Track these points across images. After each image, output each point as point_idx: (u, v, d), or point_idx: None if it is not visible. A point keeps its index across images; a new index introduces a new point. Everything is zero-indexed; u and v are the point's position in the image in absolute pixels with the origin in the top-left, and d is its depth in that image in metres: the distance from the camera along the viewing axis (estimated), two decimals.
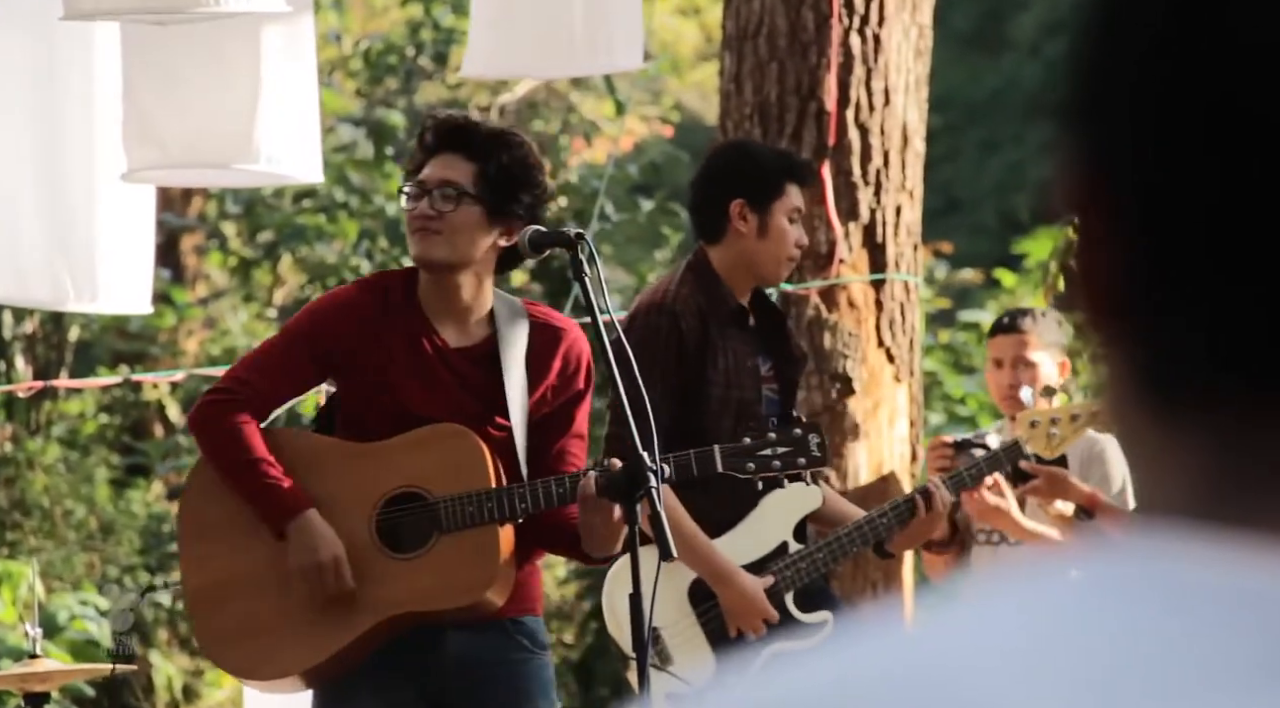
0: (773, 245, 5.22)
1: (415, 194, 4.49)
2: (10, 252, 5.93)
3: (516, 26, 5.80)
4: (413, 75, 14.26)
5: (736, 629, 5.14)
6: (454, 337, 4.47)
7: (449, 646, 4.40)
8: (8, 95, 5.88)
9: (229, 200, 13.93)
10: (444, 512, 4.37)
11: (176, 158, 5.58)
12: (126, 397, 13.92)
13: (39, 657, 5.32)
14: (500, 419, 4.43)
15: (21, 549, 12.60)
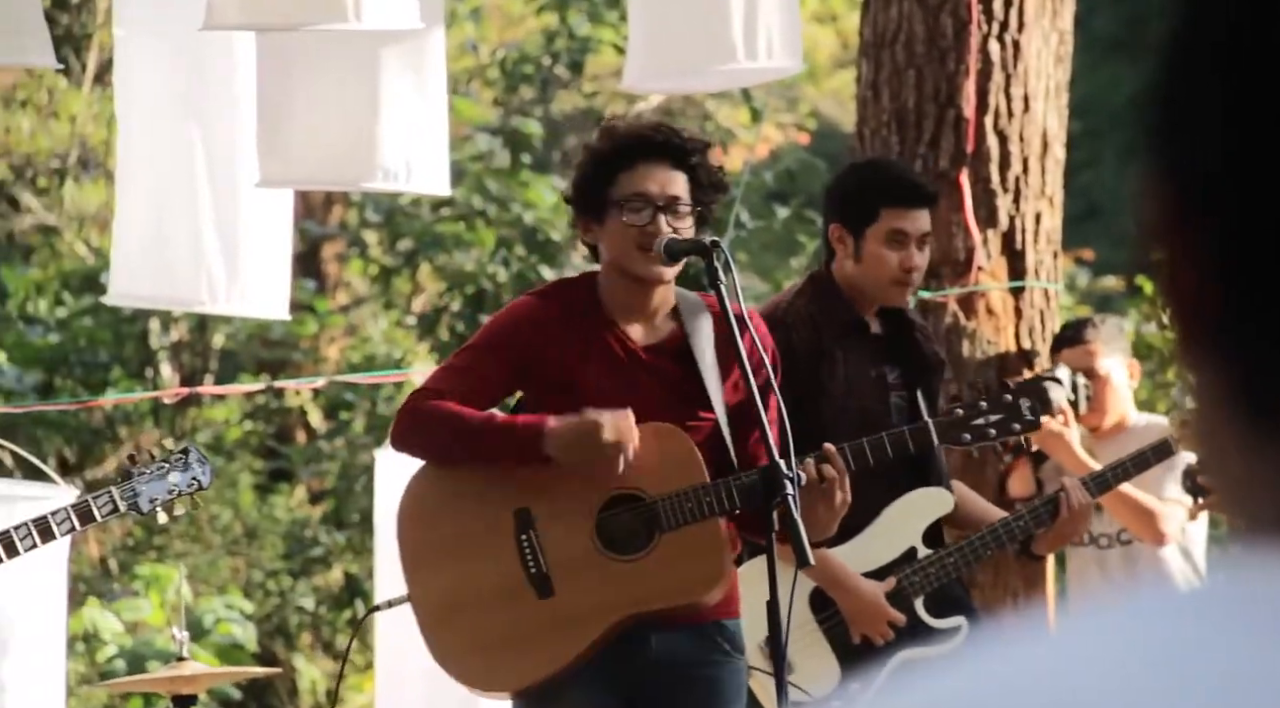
0: (869, 270, 5.21)
1: (640, 207, 4.43)
2: (159, 253, 6.04)
3: (676, 36, 5.82)
4: (548, 84, 14.34)
5: (861, 635, 5.14)
6: (642, 335, 4.47)
7: (652, 648, 4.41)
8: (158, 101, 5.99)
9: (369, 209, 14.07)
10: (663, 510, 4.38)
11: (301, 175, 5.66)
12: (270, 403, 14.09)
13: (186, 659, 5.39)
14: (701, 412, 4.43)
15: (169, 554, 12.78)
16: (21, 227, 15.87)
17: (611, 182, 4.42)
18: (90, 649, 11.32)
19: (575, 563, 4.40)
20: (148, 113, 6.03)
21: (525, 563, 4.44)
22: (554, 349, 4.43)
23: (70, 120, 15.26)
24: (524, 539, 4.44)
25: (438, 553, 4.46)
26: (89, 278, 14.90)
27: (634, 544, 4.42)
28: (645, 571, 4.39)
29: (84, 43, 15.28)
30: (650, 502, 4.41)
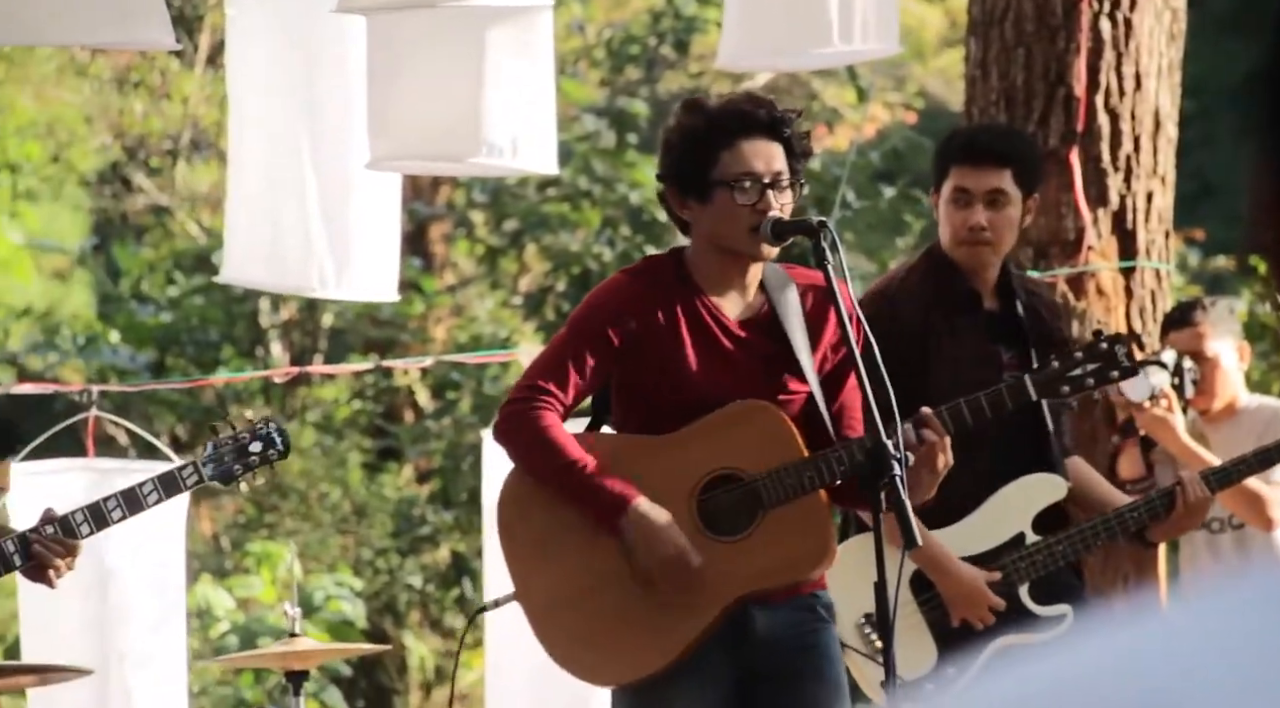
0: (941, 231, 5.21)
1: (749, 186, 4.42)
2: (270, 238, 6.08)
3: (771, 16, 5.81)
4: (654, 64, 14.35)
5: (960, 619, 5.13)
6: (733, 309, 4.46)
7: (756, 623, 4.41)
8: (269, 82, 6.03)
9: (476, 189, 14.13)
10: (764, 488, 4.37)
11: (411, 150, 5.67)
12: (378, 382, 14.19)
13: (298, 636, 5.44)
14: (792, 384, 4.44)
15: (280, 531, 12.90)
16: (134, 207, 16.04)
17: (714, 160, 4.40)
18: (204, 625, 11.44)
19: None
20: (259, 94, 6.07)
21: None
22: (645, 328, 4.43)
23: (183, 101, 15.40)
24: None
25: (540, 548, 4.46)
26: (200, 258, 15.05)
27: (737, 525, 4.41)
28: (751, 550, 4.39)
29: (196, 24, 15.41)
30: (750, 480, 4.41)
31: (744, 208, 4.39)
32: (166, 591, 6.55)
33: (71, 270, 15.79)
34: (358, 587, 12.18)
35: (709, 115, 4.45)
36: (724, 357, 4.43)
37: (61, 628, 6.41)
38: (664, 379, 4.41)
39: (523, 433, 4.41)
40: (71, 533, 4.33)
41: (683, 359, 4.42)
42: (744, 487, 4.41)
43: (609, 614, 4.40)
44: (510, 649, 6.73)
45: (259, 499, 13.35)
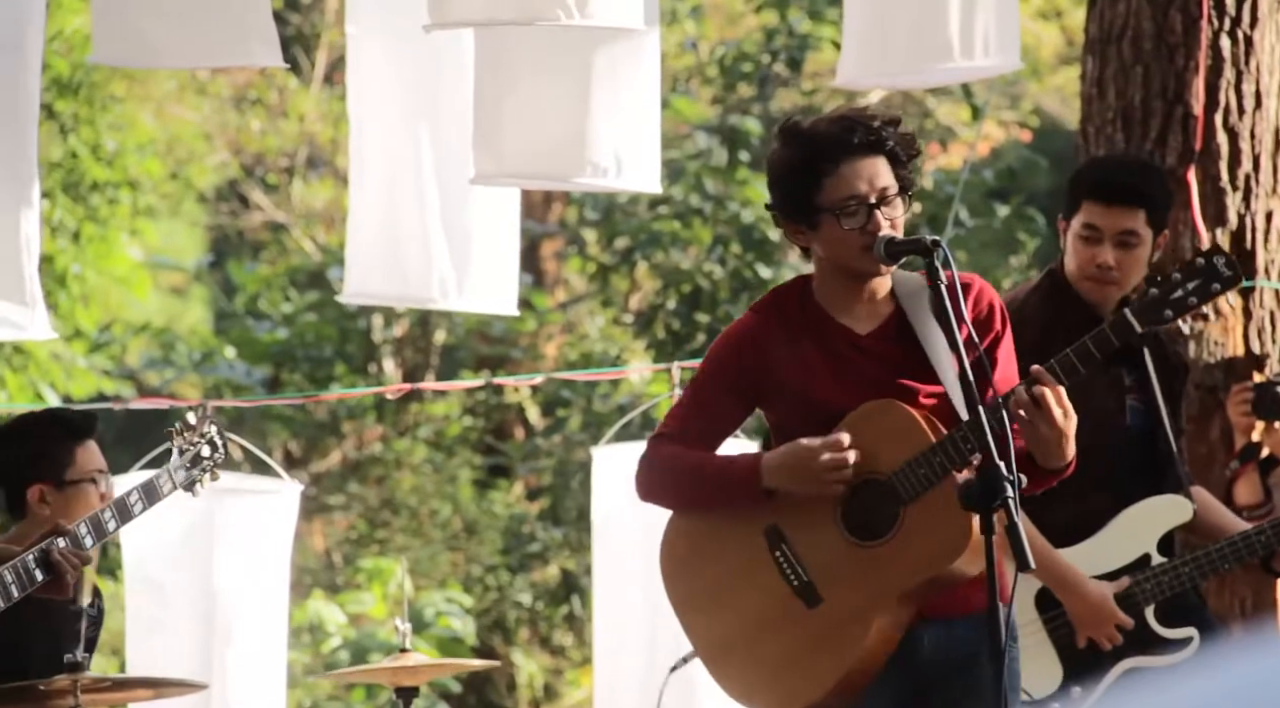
0: (1068, 264, 5.17)
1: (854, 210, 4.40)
2: (391, 252, 6.12)
3: (890, 33, 5.79)
4: (767, 82, 14.33)
5: (1086, 639, 5.08)
6: (861, 323, 4.44)
7: (925, 645, 4.37)
8: (388, 100, 6.07)
9: (588, 206, 14.16)
10: (899, 484, 4.33)
11: (513, 169, 5.69)
12: (489, 399, 14.24)
13: (409, 651, 5.45)
14: (929, 388, 4.41)
15: (391, 547, 12.97)
16: (251, 224, 16.18)
17: (817, 187, 4.37)
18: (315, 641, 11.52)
19: (833, 562, 4.36)
20: (378, 111, 6.11)
21: (786, 578, 4.41)
22: (773, 361, 4.42)
23: (299, 119, 15.53)
24: (778, 555, 4.42)
25: (703, 597, 4.47)
26: (315, 274, 15.16)
27: (884, 526, 4.38)
28: (901, 548, 4.33)
29: (314, 42, 15.54)
30: (885, 479, 4.39)
31: (853, 232, 4.37)
32: (270, 607, 6.59)
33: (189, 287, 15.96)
34: (467, 603, 12.23)
35: (806, 142, 4.43)
36: (857, 372, 4.41)
37: (168, 643, 6.46)
38: (805, 408, 4.40)
39: (654, 472, 4.43)
40: (79, 545, 4.41)
41: (819, 385, 4.40)
42: (881, 487, 4.38)
43: (780, 643, 4.39)
44: (618, 667, 6.73)
45: (371, 515, 13.43)
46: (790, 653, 4.39)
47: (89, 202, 12.62)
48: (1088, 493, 4.66)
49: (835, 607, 4.37)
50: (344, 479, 13.96)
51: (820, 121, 4.49)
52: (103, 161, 12.78)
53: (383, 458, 13.83)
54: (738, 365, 4.43)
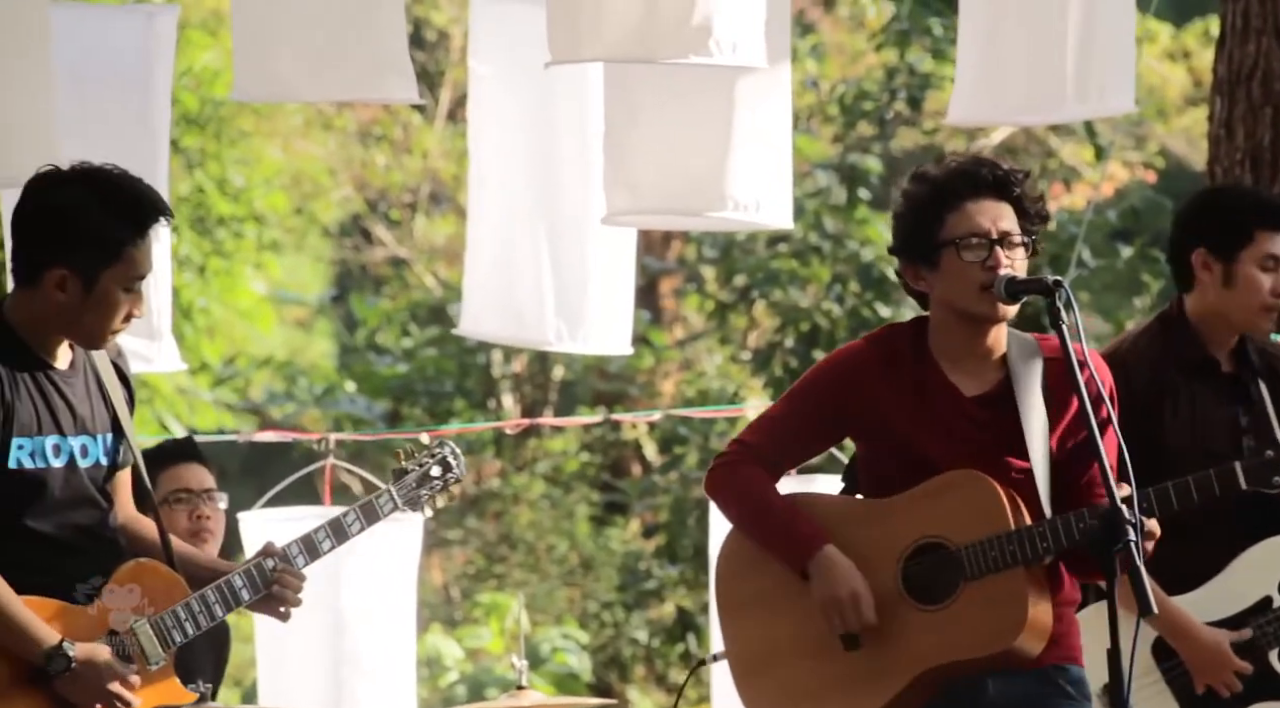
0: (1241, 295, 5.07)
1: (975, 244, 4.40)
2: (507, 292, 6.15)
3: (1005, 72, 5.77)
4: (888, 121, 14.32)
5: (1205, 686, 5.02)
6: (968, 384, 4.42)
7: (989, 692, 4.37)
8: (509, 137, 6.11)
9: (707, 244, 14.18)
10: (967, 559, 4.33)
11: (649, 204, 5.70)
12: (606, 436, 14.28)
13: (525, 688, 5.47)
14: (1021, 463, 4.39)
15: (508, 582, 13.01)
16: (374, 259, 16.32)
17: (939, 224, 4.36)
18: (433, 675, 11.58)
19: (881, 613, 4.36)
20: (498, 148, 6.15)
21: None
22: (874, 398, 4.40)
23: (423, 155, 15.66)
24: None
25: (749, 606, 4.47)
26: (435, 309, 15.28)
27: (939, 593, 4.37)
28: (950, 620, 4.33)
29: (438, 79, 15.67)
30: (954, 550, 4.37)
31: (973, 265, 4.34)
32: (398, 639, 6.63)
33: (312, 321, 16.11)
34: (584, 640, 12.26)
35: (933, 181, 4.43)
36: (953, 432, 4.39)
37: (296, 674, 6.51)
38: (894, 452, 4.39)
39: (726, 485, 4.44)
40: (290, 564, 4.42)
41: (911, 431, 4.38)
42: (947, 556, 4.37)
43: (807, 678, 4.38)
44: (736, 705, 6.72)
45: (488, 550, 13.48)
46: (818, 689, 4.38)
47: (215, 236, 12.77)
48: (1203, 536, 4.61)
49: (872, 656, 4.36)
50: (462, 514, 14.03)
51: (950, 163, 4.49)
52: (229, 196, 12.93)
53: (501, 493, 13.89)
54: (838, 392, 4.41)
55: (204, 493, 5.38)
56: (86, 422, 4.27)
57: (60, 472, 4.23)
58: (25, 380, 4.21)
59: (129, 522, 4.39)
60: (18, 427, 4.17)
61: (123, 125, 5.67)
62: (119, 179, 4.26)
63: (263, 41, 5.43)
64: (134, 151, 5.49)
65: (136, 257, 4.20)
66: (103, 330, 4.24)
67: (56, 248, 4.22)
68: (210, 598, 4.31)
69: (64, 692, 4.14)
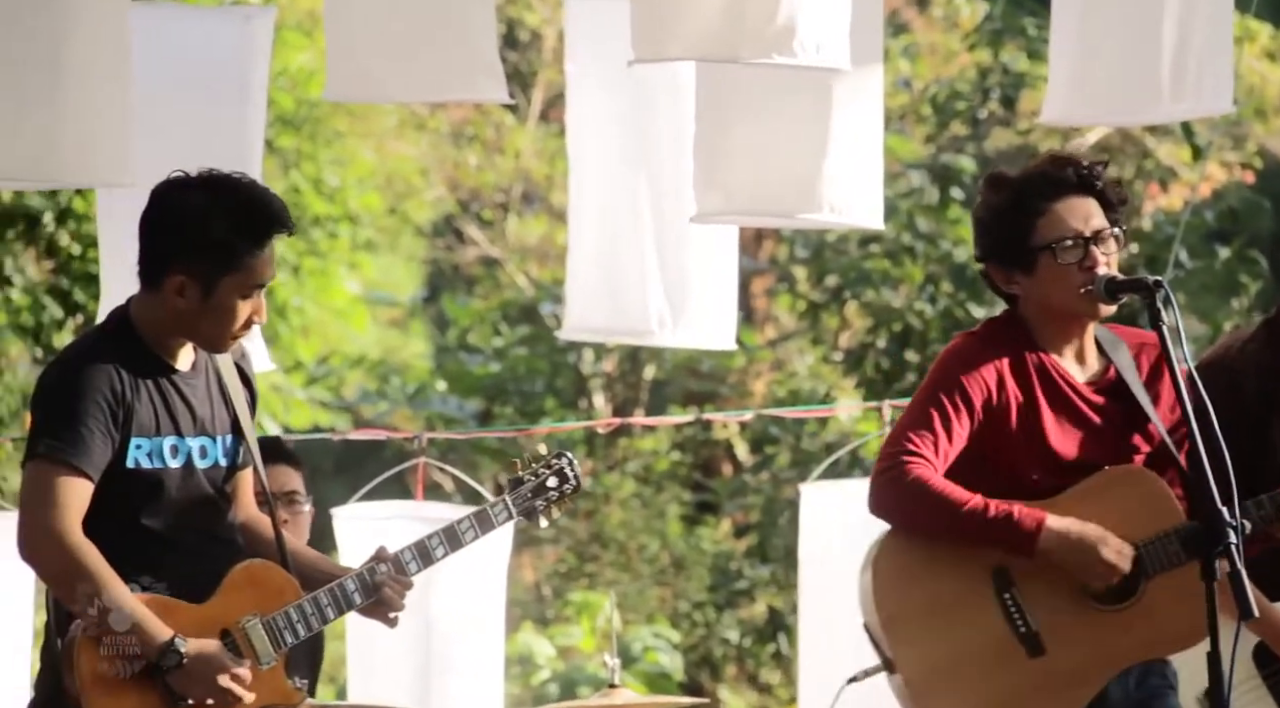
0: None
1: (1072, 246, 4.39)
2: (609, 287, 6.17)
3: (1100, 71, 5.73)
4: (981, 120, 14.26)
5: None
6: (1077, 371, 4.40)
7: (1110, 689, 4.34)
8: (607, 136, 6.13)
9: (799, 244, 14.17)
10: (1147, 556, 4.30)
11: (741, 205, 5.71)
12: (697, 435, 14.28)
13: (618, 687, 5.47)
14: (1145, 445, 4.37)
15: (600, 581, 13.04)
16: (465, 259, 16.39)
17: (1030, 229, 4.35)
18: (525, 673, 11.61)
19: (1063, 617, 4.30)
20: (596, 148, 6.17)
21: (1012, 622, 4.34)
22: (1001, 392, 4.35)
23: (515, 155, 15.70)
24: (1007, 598, 4.36)
25: (918, 619, 4.39)
26: (527, 309, 15.32)
27: (1121, 593, 4.32)
28: (1136, 619, 4.29)
29: (531, 79, 15.71)
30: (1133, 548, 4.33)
31: (1071, 267, 4.33)
32: (487, 638, 6.65)
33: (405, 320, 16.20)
34: (675, 639, 12.27)
35: (1015, 187, 4.40)
36: (1081, 421, 4.35)
37: (387, 672, 6.54)
38: (1021, 444, 4.35)
39: (902, 494, 4.34)
40: (402, 571, 4.43)
41: (1041, 424, 4.35)
42: None
43: (995, 687, 4.32)
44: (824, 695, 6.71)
45: (580, 549, 13.52)
46: (1004, 699, 4.33)
47: (310, 235, 12.86)
48: None
49: (1058, 662, 4.31)
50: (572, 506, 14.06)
51: (1028, 166, 4.47)
52: (324, 196, 13.02)
53: (592, 492, 13.92)
54: (973, 389, 4.36)
55: (284, 496, 5.39)
56: (206, 423, 4.31)
57: (177, 472, 4.27)
58: (146, 382, 4.25)
59: (248, 522, 4.43)
60: (136, 427, 4.21)
61: (219, 125, 5.71)
62: (244, 188, 4.28)
63: (355, 42, 5.48)
64: (230, 152, 5.53)
65: (255, 266, 4.23)
66: (221, 336, 4.27)
67: (177, 253, 4.25)
68: (323, 600, 4.34)
69: (176, 686, 4.18)
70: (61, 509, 4.13)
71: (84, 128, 5.24)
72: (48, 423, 4.17)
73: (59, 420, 4.16)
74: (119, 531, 4.20)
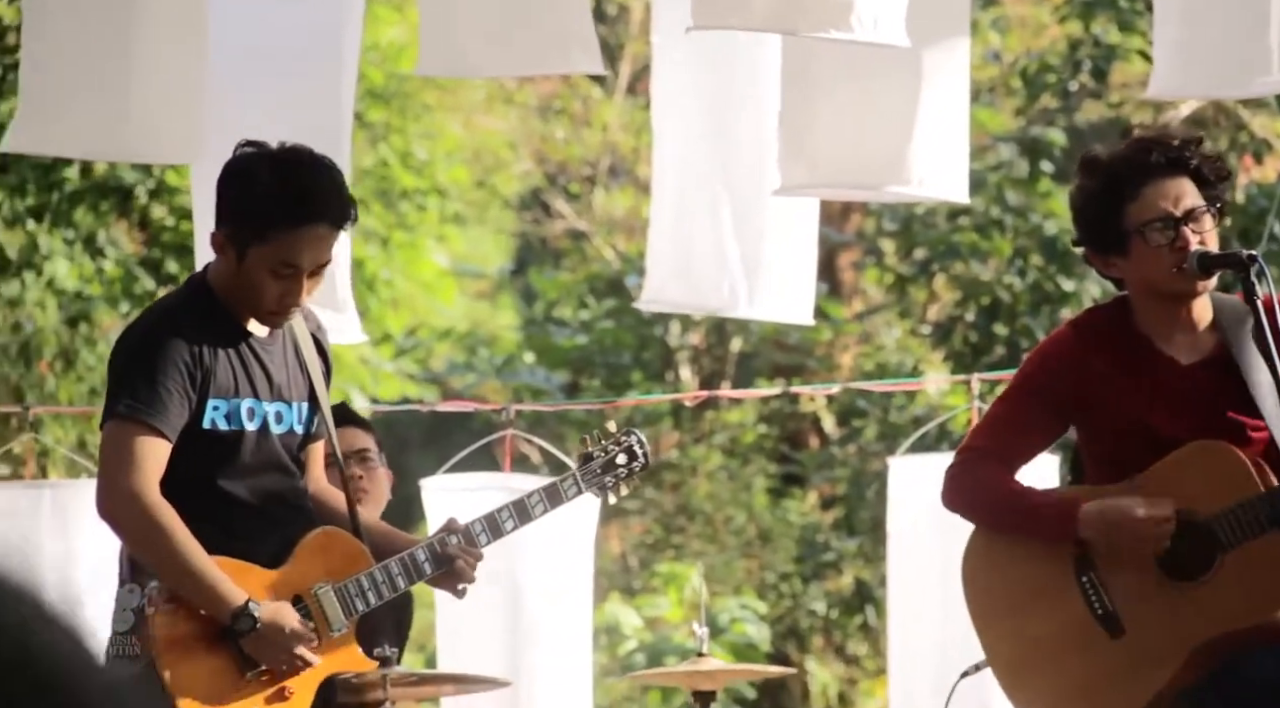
0: None
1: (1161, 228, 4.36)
2: (688, 262, 6.18)
3: (1205, 45, 5.69)
4: (1071, 93, 14.16)
5: None
6: (1183, 353, 4.37)
7: (1266, 664, 4.29)
8: (690, 111, 6.13)
9: (886, 217, 14.12)
10: (1220, 528, 4.28)
11: (827, 178, 5.69)
12: (784, 408, 14.28)
13: (706, 656, 5.50)
14: (1256, 422, 4.34)
15: (686, 552, 13.07)
16: (553, 232, 16.43)
17: (1121, 212, 4.34)
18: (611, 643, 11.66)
19: (1141, 597, 4.30)
20: (679, 120, 6.17)
21: (1090, 604, 4.35)
22: (1093, 384, 4.35)
23: (602, 129, 15.72)
24: (1085, 580, 4.37)
25: (1003, 610, 4.43)
26: (613, 282, 15.34)
27: (1196, 568, 4.30)
28: (1213, 593, 4.27)
29: (618, 52, 15.72)
30: (1205, 522, 4.30)
31: (1162, 249, 4.31)
32: (575, 609, 6.68)
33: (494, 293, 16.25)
34: (762, 610, 12.28)
35: (1105, 171, 4.39)
36: (1178, 401, 4.33)
37: (475, 641, 6.59)
38: (1122, 433, 4.35)
39: (968, 489, 4.40)
40: (472, 542, 4.46)
41: (1136, 409, 4.34)
42: (1200, 529, 4.31)
43: (1078, 672, 4.33)
44: (913, 679, 6.71)
45: (666, 521, 13.54)
46: (1088, 682, 4.33)
47: (398, 209, 12.92)
48: None
49: (1139, 641, 4.31)
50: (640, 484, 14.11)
51: (1118, 148, 4.45)
52: (412, 170, 13.08)
53: (678, 464, 13.94)
54: (1058, 385, 4.38)
55: (355, 454, 5.42)
56: (283, 389, 4.33)
57: (253, 435, 4.28)
58: (224, 344, 4.26)
59: (320, 492, 4.46)
60: (214, 388, 4.23)
61: (311, 99, 5.75)
62: (303, 169, 4.25)
63: (448, 17, 5.49)
64: (320, 125, 5.57)
65: (286, 245, 4.18)
66: (255, 305, 4.25)
67: (221, 211, 4.29)
68: (394, 569, 4.37)
69: (249, 651, 4.21)
70: (140, 469, 4.15)
71: (154, 105, 5.29)
72: (126, 383, 4.18)
73: (137, 381, 4.17)
74: (194, 492, 4.21)
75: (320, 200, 4.22)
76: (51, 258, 10.48)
